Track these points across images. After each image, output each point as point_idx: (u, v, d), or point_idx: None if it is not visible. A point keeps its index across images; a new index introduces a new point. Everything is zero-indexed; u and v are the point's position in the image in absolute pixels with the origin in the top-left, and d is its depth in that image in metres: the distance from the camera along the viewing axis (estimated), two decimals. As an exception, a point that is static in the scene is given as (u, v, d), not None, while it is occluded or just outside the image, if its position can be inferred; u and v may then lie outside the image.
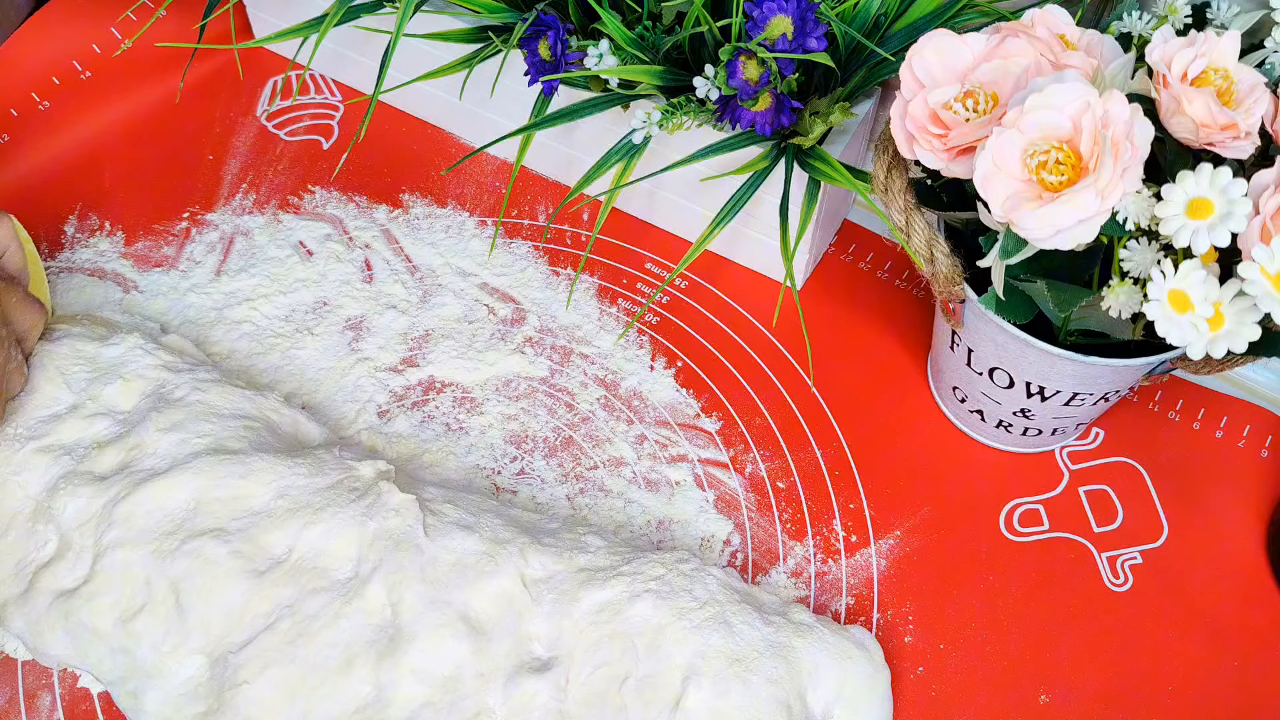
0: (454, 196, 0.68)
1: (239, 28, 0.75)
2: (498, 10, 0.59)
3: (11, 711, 0.50)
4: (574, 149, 0.66)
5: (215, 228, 0.66)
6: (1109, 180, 0.40)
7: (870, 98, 0.59)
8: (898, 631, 0.53)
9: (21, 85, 0.70)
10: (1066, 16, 0.47)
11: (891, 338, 0.63)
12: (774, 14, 0.51)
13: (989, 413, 0.57)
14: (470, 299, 0.64)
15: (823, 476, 0.58)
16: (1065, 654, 0.53)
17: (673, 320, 0.64)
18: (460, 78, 0.63)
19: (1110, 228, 0.42)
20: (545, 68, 0.56)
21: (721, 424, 0.60)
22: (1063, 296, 0.45)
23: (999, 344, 0.51)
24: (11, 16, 0.70)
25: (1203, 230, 0.40)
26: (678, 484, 0.57)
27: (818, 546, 0.56)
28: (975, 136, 0.44)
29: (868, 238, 0.67)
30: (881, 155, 0.51)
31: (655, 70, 0.55)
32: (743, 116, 0.53)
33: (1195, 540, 0.57)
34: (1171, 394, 0.61)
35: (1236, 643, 0.54)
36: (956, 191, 0.51)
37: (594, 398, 0.60)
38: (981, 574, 0.55)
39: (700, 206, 0.64)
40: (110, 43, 0.72)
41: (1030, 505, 0.58)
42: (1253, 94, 0.43)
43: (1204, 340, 0.41)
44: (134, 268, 0.64)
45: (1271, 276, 0.39)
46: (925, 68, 0.45)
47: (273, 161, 0.70)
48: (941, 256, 0.50)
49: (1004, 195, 0.42)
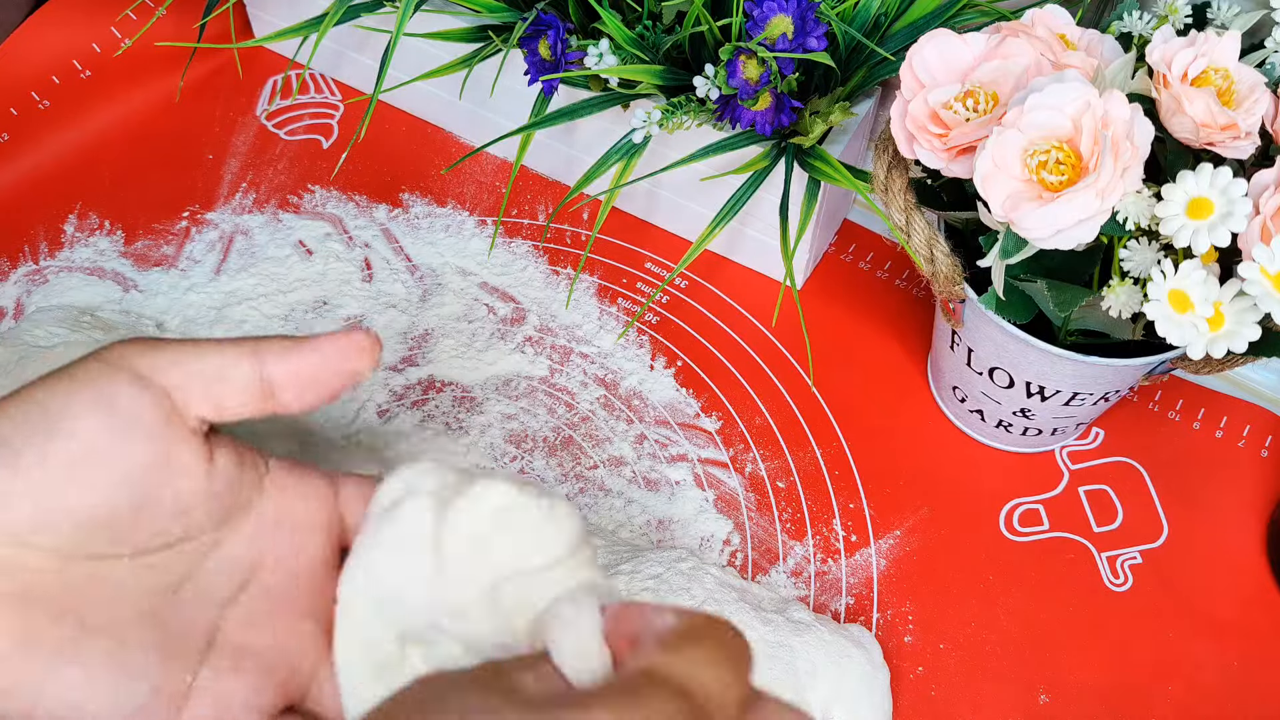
0: (454, 196, 0.68)
1: (239, 27, 0.75)
2: (498, 10, 0.59)
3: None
4: (574, 149, 0.66)
5: (215, 227, 0.66)
6: (1109, 180, 0.40)
7: (870, 97, 0.59)
8: (897, 631, 0.53)
9: (21, 85, 0.70)
10: (1067, 16, 0.47)
11: (891, 338, 0.63)
12: (774, 13, 0.51)
13: (989, 413, 0.57)
14: (470, 298, 0.64)
15: (822, 476, 0.58)
16: (1065, 654, 0.53)
17: (673, 320, 0.64)
18: (460, 77, 0.63)
19: (1110, 228, 0.42)
20: (545, 67, 0.56)
21: (721, 424, 0.60)
22: (1063, 296, 0.45)
23: (999, 344, 0.51)
24: (12, 16, 0.70)
25: (1203, 230, 0.40)
26: (677, 483, 0.57)
27: (817, 546, 0.56)
28: (975, 136, 0.44)
29: (868, 238, 0.67)
30: (881, 155, 0.51)
31: (655, 70, 0.55)
32: (743, 116, 0.53)
33: (1195, 540, 0.57)
34: (1171, 394, 0.61)
35: (1236, 643, 0.54)
36: (956, 191, 0.51)
37: (594, 397, 0.60)
38: (981, 574, 0.55)
39: (700, 206, 0.64)
40: (110, 42, 0.72)
41: (1030, 505, 0.58)
42: (1253, 94, 0.43)
43: (1204, 340, 0.41)
44: (133, 267, 0.64)
45: (1271, 276, 0.39)
46: (925, 67, 0.45)
47: (272, 161, 0.70)
48: (941, 256, 0.50)
49: (1004, 195, 0.42)
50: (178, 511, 0.32)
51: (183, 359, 0.32)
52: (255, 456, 0.34)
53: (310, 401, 0.34)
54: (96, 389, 0.30)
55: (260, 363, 0.33)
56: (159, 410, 0.31)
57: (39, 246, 0.64)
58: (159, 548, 0.32)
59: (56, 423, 0.30)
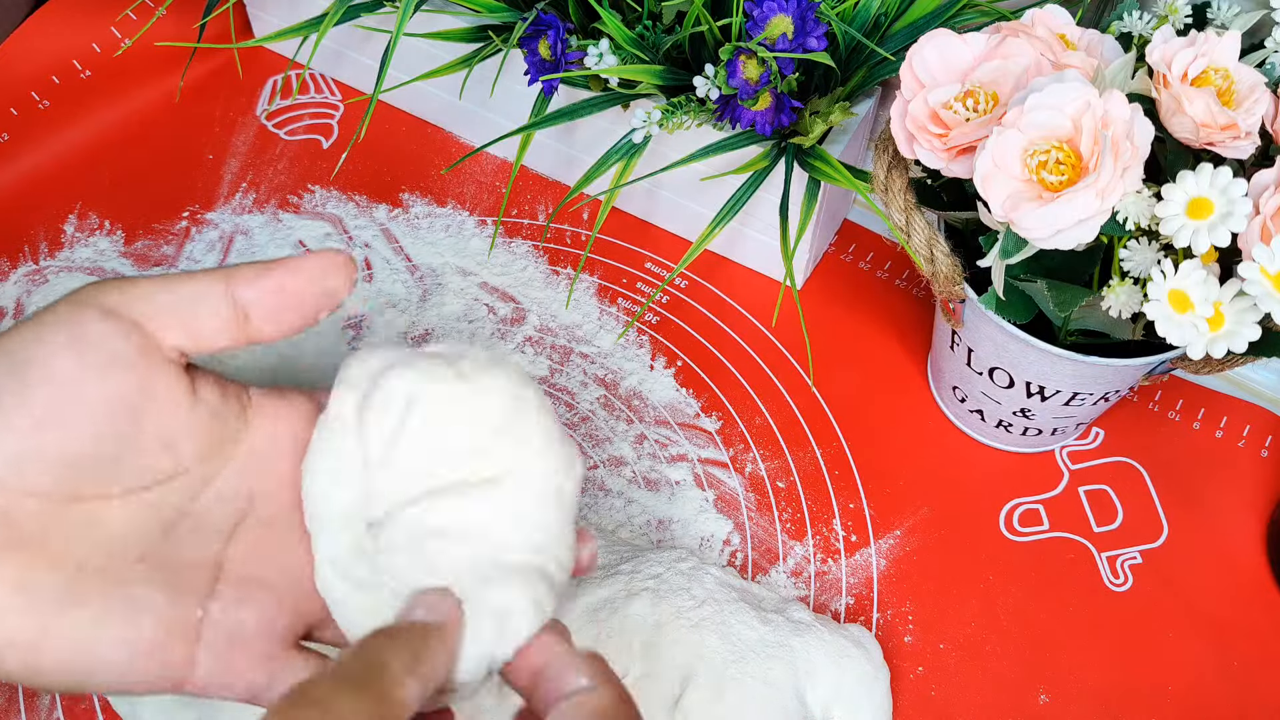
0: (454, 196, 0.68)
1: (239, 27, 0.75)
2: (498, 10, 0.59)
3: (11, 711, 0.50)
4: (574, 149, 0.66)
5: (215, 227, 0.66)
6: (1109, 180, 0.40)
7: (870, 97, 0.59)
8: (897, 631, 0.53)
9: (21, 84, 0.70)
10: (1066, 16, 0.47)
11: (891, 338, 0.63)
12: (774, 13, 0.51)
13: (989, 413, 0.57)
14: (470, 298, 0.64)
15: (822, 476, 0.58)
16: (1065, 654, 0.53)
17: (673, 320, 0.64)
18: (460, 77, 0.63)
19: (1110, 228, 0.42)
20: (545, 67, 0.56)
21: (721, 423, 0.60)
22: (1063, 296, 0.45)
23: (999, 344, 0.51)
24: (12, 16, 0.70)
25: (1203, 230, 0.40)
26: (677, 483, 0.57)
27: (817, 546, 0.56)
28: (975, 136, 0.44)
29: (868, 238, 0.67)
30: (881, 155, 0.51)
31: (655, 70, 0.55)
32: (743, 116, 0.53)
33: (1195, 540, 0.57)
34: (1171, 394, 0.61)
35: (1236, 643, 0.54)
36: (956, 191, 0.51)
37: (594, 397, 0.60)
38: (981, 574, 0.55)
39: (700, 206, 0.64)
40: (110, 42, 0.72)
41: (1030, 505, 0.58)
42: (1253, 94, 0.43)
43: (1204, 340, 0.41)
44: (134, 267, 0.64)
45: (1271, 276, 0.39)
46: (925, 67, 0.45)
47: (272, 161, 0.70)
48: (941, 256, 0.50)
49: (1004, 195, 0.42)
50: (163, 445, 0.31)
51: (152, 291, 0.31)
52: (239, 388, 0.34)
53: (287, 325, 0.33)
54: (67, 328, 0.30)
55: (233, 287, 0.32)
56: (131, 342, 0.31)
57: (39, 246, 0.64)
58: (150, 484, 0.31)
59: (29, 367, 0.29)
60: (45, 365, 0.29)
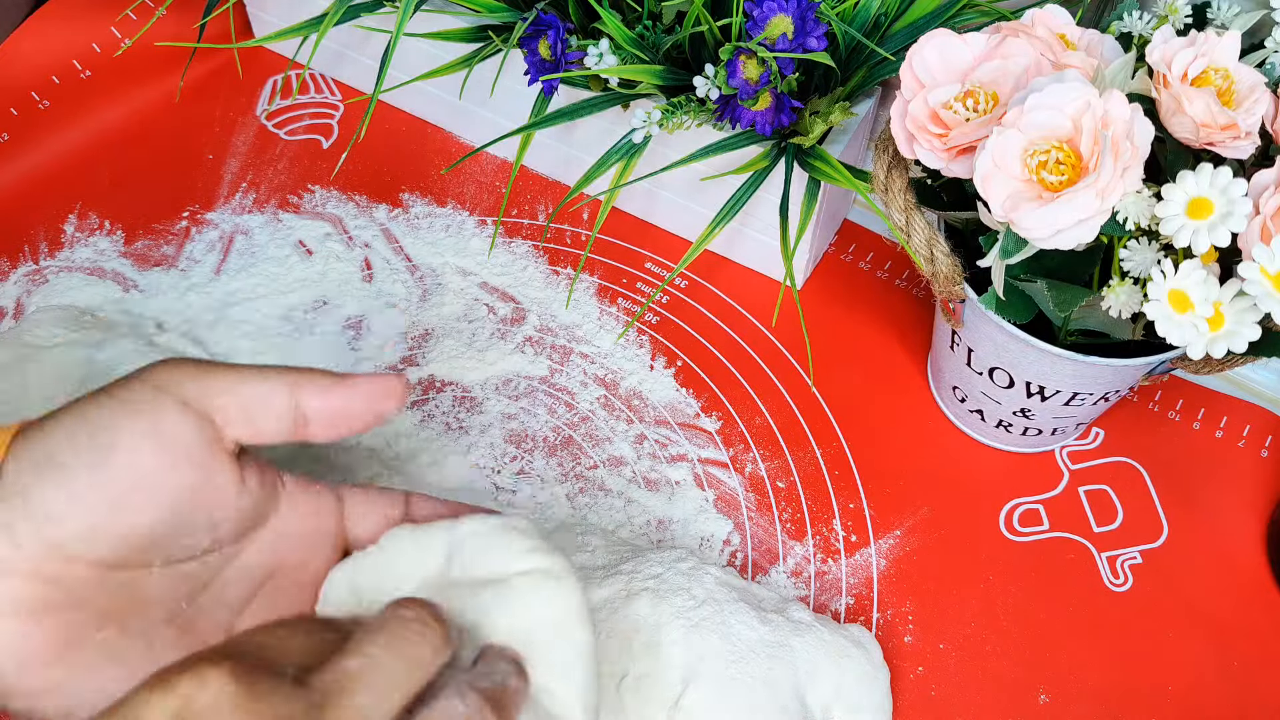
0: (454, 196, 0.68)
1: (239, 27, 0.75)
2: (498, 10, 0.59)
3: (11, 711, 0.50)
4: (574, 149, 0.66)
5: (215, 227, 0.66)
6: (1109, 180, 0.40)
7: (870, 97, 0.59)
8: (897, 631, 0.53)
9: (21, 84, 0.70)
10: (1066, 16, 0.47)
11: (891, 338, 0.63)
12: (774, 13, 0.51)
13: (989, 413, 0.57)
14: (470, 298, 0.64)
15: (822, 476, 0.58)
16: (1065, 654, 0.53)
17: (673, 320, 0.64)
18: (460, 77, 0.63)
19: (1110, 228, 0.42)
20: (545, 67, 0.56)
21: (721, 423, 0.60)
22: (1063, 296, 0.45)
23: (999, 344, 0.51)
24: (12, 16, 0.70)
25: (1203, 230, 0.40)
26: (677, 483, 0.57)
27: (817, 546, 0.56)
28: (975, 136, 0.44)
29: (868, 238, 0.67)
30: (881, 155, 0.51)
31: (655, 70, 0.55)
32: (743, 116, 0.53)
33: (1195, 540, 0.57)
34: (1171, 394, 0.61)
35: (1236, 643, 0.54)
36: (956, 191, 0.51)
37: (594, 397, 0.60)
38: (981, 574, 0.55)
39: (700, 206, 0.64)
40: (110, 42, 0.72)
41: (1030, 505, 0.58)
42: (1253, 94, 0.43)
43: (1204, 340, 0.41)
44: (134, 267, 0.64)
45: (1271, 276, 0.39)
46: (925, 67, 0.45)
47: (272, 161, 0.70)
48: (941, 256, 0.50)
49: (1004, 195, 0.42)
50: (210, 527, 0.34)
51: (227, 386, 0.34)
52: (274, 474, 0.37)
53: (336, 434, 0.36)
54: (147, 417, 0.32)
55: (299, 396, 0.35)
56: (204, 437, 0.33)
57: (39, 246, 0.64)
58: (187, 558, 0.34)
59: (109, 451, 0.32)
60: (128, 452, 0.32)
